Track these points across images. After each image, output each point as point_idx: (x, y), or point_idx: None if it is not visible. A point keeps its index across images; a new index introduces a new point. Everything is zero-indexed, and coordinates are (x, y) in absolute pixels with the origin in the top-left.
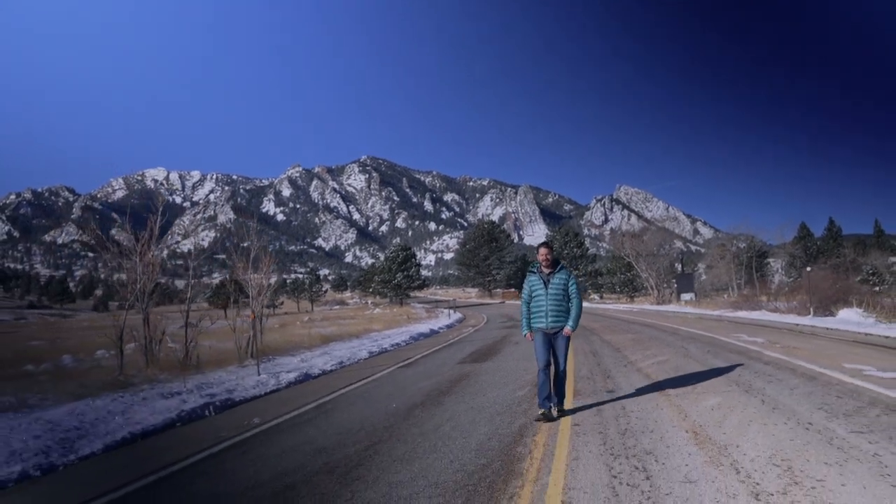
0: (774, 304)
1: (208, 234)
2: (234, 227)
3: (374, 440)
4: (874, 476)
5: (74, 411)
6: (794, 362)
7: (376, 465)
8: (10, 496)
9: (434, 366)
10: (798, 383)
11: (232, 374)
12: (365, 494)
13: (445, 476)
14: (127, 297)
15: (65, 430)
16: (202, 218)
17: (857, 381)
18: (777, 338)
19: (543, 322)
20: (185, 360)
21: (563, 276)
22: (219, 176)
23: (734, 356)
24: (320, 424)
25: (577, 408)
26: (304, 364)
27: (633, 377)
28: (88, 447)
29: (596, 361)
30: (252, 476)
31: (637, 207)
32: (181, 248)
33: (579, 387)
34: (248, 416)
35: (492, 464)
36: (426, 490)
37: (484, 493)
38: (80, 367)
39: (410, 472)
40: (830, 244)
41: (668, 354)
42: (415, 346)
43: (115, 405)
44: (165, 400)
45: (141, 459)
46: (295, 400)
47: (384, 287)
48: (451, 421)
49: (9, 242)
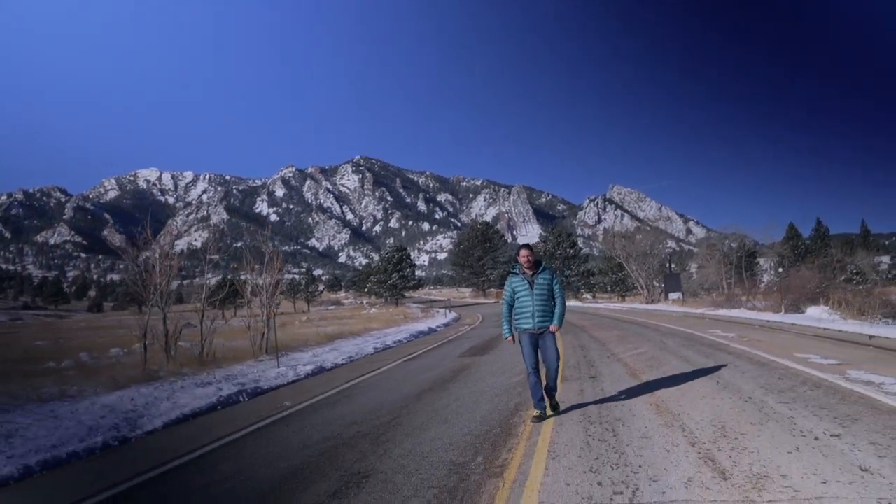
0: (753, 303)
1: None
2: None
3: (394, 415)
4: (783, 430)
5: (124, 398)
6: (753, 352)
7: (400, 431)
8: (100, 461)
9: (436, 359)
10: (750, 368)
11: (252, 368)
12: (395, 451)
13: (457, 438)
14: (149, 297)
15: (124, 412)
16: (195, 218)
17: (800, 366)
18: (747, 333)
19: (530, 323)
20: (202, 356)
21: (548, 276)
22: (212, 176)
23: (705, 348)
24: (346, 405)
25: (563, 391)
26: (317, 359)
27: (614, 366)
28: (150, 424)
29: (583, 354)
30: (302, 440)
31: (630, 207)
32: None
33: (567, 374)
34: (278, 400)
35: (493, 429)
36: (443, 447)
37: (488, 448)
38: (101, 363)
39: (428, 436)
40: (818, 244)
41: (647, 347)
42: (416, 343)
43: (158, 392)
44: (201, 388)
45: (202, 432)
46: (317, 388)
47: (380, 287)
48: (457, 401)
49: (0, 243)
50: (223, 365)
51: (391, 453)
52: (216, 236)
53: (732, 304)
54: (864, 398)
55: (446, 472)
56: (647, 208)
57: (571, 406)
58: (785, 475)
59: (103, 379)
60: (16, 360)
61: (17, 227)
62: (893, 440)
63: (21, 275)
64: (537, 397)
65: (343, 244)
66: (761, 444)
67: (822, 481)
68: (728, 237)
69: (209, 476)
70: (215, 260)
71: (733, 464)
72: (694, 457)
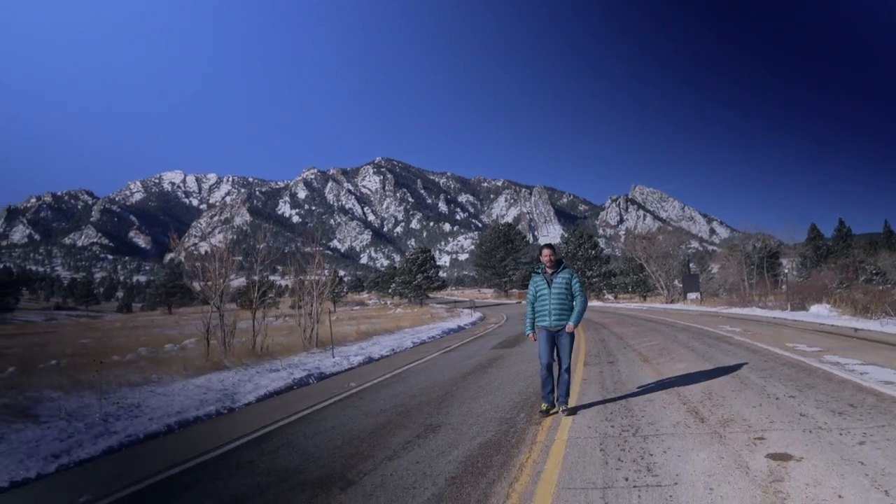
0: (764, 303)
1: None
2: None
3: (448, 390)
4: (755, 394)
5: (211, 380)
6: (751, 342)
7: (456, 400)
8: (223, 421)
9: (472, 351)
10: (744, 354)
11: (308, 358)
12: (455, 411)
13: (502, 404)
14: (212, 296)
15: (218, 391)
16: (219, 220)
17: (786, 352)
18: (752, 328)
19: (547, 320)
20: (254, 349)
21: (566, 275)
22: (235, 178)
23: (711, 340)
24: (404, 384)
25: (584, 372)
26: (364, 351)
27: (629, 354)
28: (244, 399)
29: (603, 345)
30: (378, 407)
31: (652, 207)
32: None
33: (588, 360)
34: (343, 382)
35: (530, 398)
36: (492, 409)
37: (528, 409)
38: (161, 356)
39: (479, 403)
40: (840, 245)
41: (660, 340)
42: (449, 339)
43: (239, 377)
44: (274, 373)
45: (291, 403)
46: (373, 373)
47: (405, 288)
48: (497, 380)
49: (30, 245)
50: (278, 357)
51: (453, 412)
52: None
53: (745, 303)
54: (826, 374)
55: (498, 423)
56: (669, 208)
57: (592, 381)
58: (746, 419)
59: (175, 368)
60: (74, 355)
61: (45, 229)
62: (831, 398)
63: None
64: (547, 389)
65: (365, 245)
66: (735, 403)
67: (770, 421)
68: (751, 237)
69: (316, 427)
70: (238, 261)
71: (710, 413)
72: (683, 410)
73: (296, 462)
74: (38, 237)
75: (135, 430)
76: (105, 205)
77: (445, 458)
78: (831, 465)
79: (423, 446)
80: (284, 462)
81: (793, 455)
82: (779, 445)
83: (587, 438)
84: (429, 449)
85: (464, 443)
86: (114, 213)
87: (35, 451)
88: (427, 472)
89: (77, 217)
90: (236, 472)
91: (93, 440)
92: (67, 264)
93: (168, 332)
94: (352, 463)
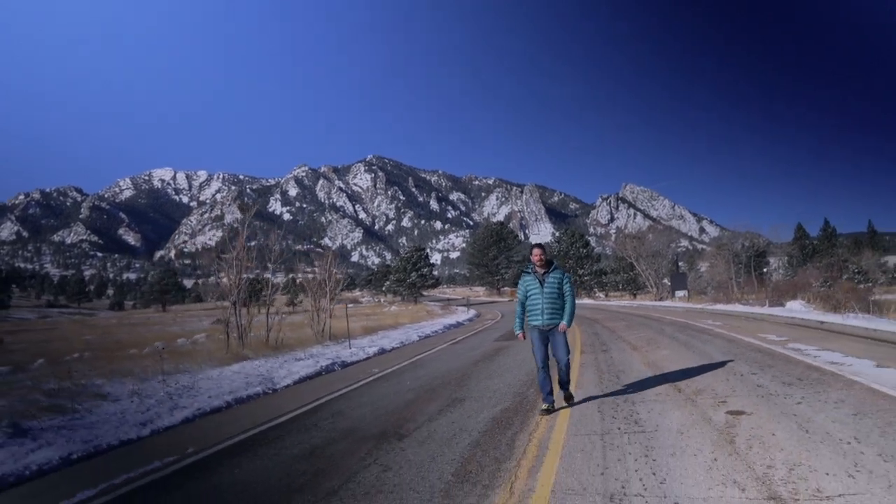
0: (745, 300)
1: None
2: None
3: (463, 374)
4: (724, 371)
5: (245, 367)
6: (728, 333)
7: (473, 380)
8: (273, 399)
9: (476, 343)
10: (720, 343)
11: (326, 349)
12: (474, 388)
13: (514, 382)
14: (231, 293)
15: (256, 376)
16: (209, 217)
17: (756, 341)
18: (731, 321)
19: (539, 320)
20: (267, 342)
21: (558, 275)
22: (225, 175)
23: (694, 332)
24: (423, 369)
25: (581, 359)
26: (375, 343)
27: (620, 344)
28: (282, 382)
29: (597, 338)
30: (405, 386)
31: (643, 206)
32: (188, 247)
33: (583, 349)
34: (366, 369)
35: (534, 381)
36: (505, 386)
37: (535, 387)
38: (180, 349)
39: (493, 382)
40: (825, 244)
41: (647, 332)
42: (451, 333)
43: (270, 364)
44: (301, 362)
45: (325, 385)
46: (390, 361)
47: (399, 286)
48: (504, 366)
49: (18, 242)
50: (295, 349)
51: (473, 389)
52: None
53: (728, 300)
54: (785, 357)
55: (512, 395)
56: (659, 207)
57: (589, 365)
58: (714, 389)
59: (200, 359)
60: (90, 349)
61: (34, 226)
62: (785, 374)
63: (40, 274)
64: (546, 391)
65: (356, 243)
66: (707, 379)
67: (733, 390)
68: (740, 236)
69: (357, 401)
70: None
71: (686, 386)
72: (665, 384)
73: (352, 424)
74: (26, 234)
75: (200, 405)
76: (94, 202)
77: (475, 419)
78: (772, 417)
79: (455, 412)
80: (343, 425)
81: (745, 411)
82: (736, 406)
83: (587, 405)
84: (460, 413)
85: (487, 409)
86: (103, 211)
87: (123, 421)
88: (463, 428)
89: (66, 214)
90: (306, 431)
91: (169, 412)
92: (56, 262)
93: (170, 329)
94: (400, 423)
